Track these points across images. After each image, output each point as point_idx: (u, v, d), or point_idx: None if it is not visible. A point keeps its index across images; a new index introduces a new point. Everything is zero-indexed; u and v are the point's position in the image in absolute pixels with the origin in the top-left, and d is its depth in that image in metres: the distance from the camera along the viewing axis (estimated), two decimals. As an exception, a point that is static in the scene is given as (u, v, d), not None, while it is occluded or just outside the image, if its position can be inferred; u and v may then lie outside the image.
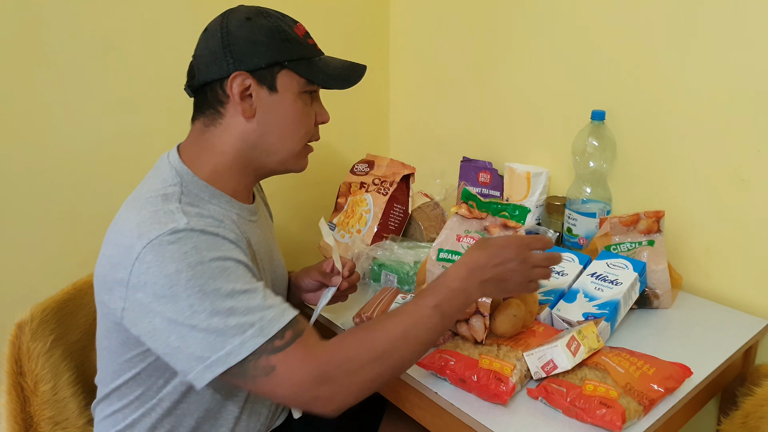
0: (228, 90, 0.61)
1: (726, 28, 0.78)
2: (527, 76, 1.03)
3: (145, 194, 0.60)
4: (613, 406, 0.57)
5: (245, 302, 0.54)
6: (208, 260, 0.54)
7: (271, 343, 0.53)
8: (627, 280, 0.74)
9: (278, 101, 0.63)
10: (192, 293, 0.52)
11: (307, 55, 0.65)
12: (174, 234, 0.54)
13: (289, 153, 0.66)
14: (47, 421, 0.71)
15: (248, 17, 0.62)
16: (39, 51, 0.84)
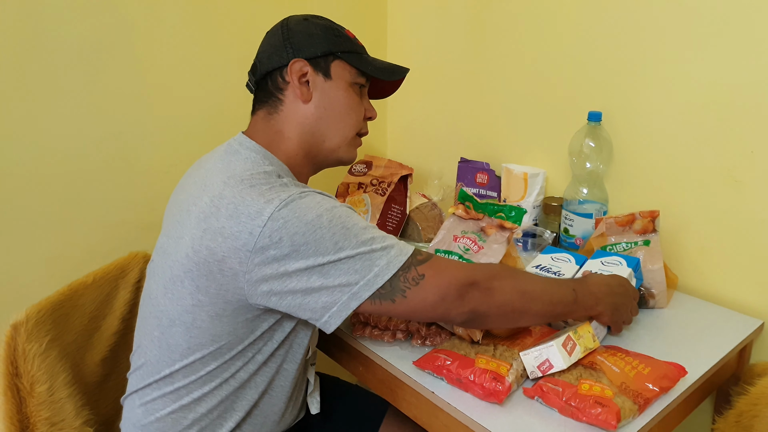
0: (288, 76, 0.68)
1: (721, 31, 0.78)
2: (524, 77, 1.03)
3: (244, 174, 0.61)
4: (609, 406, 0.58)
5: (380, 233, 0.60)
6: (339, 205, 0.60)
7: (414, 258, 0.59)
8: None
9: (332, 87, 0.69)
10: (336, 231, 0.57)
11: (358, 50, 0.71)
12: (300, 195, 0.59)
13: (341, 139, 0.71)
14: (43, 422, 0.71)
15: (306, 18, 0.71)
16: (37, 52, 0.84)
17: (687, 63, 0.83)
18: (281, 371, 0.68)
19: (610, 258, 0.79)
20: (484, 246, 0.70)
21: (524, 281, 0.63)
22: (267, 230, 0.56)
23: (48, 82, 0.86)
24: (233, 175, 0.61)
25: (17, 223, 0.87)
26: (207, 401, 0.64)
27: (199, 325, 0.62)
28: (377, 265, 0.57)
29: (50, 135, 0.88)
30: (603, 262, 0.79)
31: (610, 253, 0.80)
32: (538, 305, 0.63)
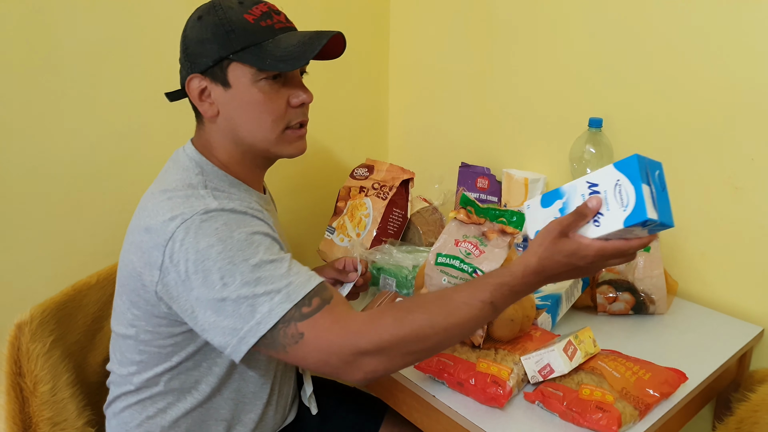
0: (188, 92, 0.64)
1: (722, 38, 0.79)
2: (526, 82, 1.04)
3: (171, 184, 0.62)
4: (609, 411, 0.58)
5: (272, 271, 0.55)
6: (237, 234, 0.56)
7: (298, 310, 0.54)
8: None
9: (234, 95, 0.63)
10: (222, 265, 0.54)
11: (256, 40, 0.62)
12: (206, 213, 0.57)
13: (265, 141, 0.65)
14: (46, 422, 0.71)
15: (199, 16, 0.63)
16: (41, 51, 0.85)
17: (687, 70, 0.83)
18: (247, 379, 0.67)
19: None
20: (485, 250, 0.70)
21: (419, 326, 0.53)
22: (168, 251, 0.56)
23: (55, 83, 0.87)
24: (160, 187, 0.62)
25: (22, 224, 0.88)
26: (172, 412, 0.64)
27: (143, 338, 0.63)
28: (259, 311, 0.53)
29: (55, 136, 0.88)
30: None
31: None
32: (446, 340, 0.55)
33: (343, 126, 1.25)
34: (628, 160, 0.53)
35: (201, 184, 0.62)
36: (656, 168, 0.55)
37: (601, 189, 0.54)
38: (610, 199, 0.54)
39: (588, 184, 0.56)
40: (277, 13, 0.64)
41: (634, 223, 0.52)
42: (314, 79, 1.18)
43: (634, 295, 0.81)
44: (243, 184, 0.67)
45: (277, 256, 0.57)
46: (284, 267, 0.56)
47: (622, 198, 0.53)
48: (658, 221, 0.52)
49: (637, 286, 0.80)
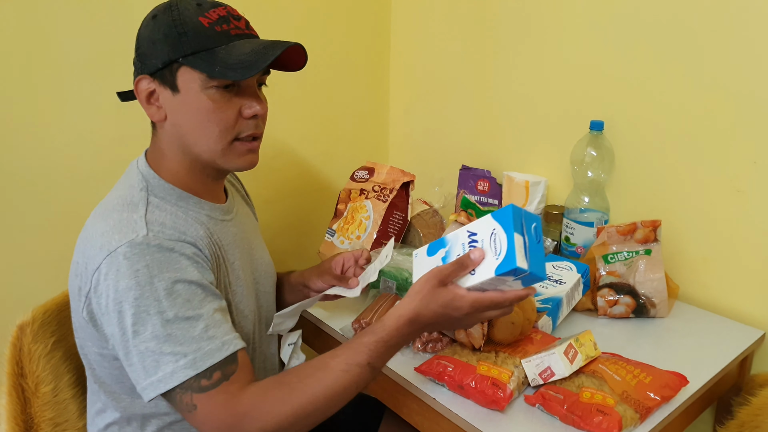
0: (136, 93, 0.61)
1: (724, 41, 0.79)
2: (527, 85, 1.04)
3: (113, 201, 0.61)
4: (610, 414, 0.58)
5: (185, 330, 0.54)
6: (158, 281, 0.54)
7: (198, 381, 0.54)
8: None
9: (182, 101, 0.60)
10: (136, 312, 0.54)
11: (208, 45, 0.58)
12: (130, 247, 0.54)
13: (212, 153, 0.62)
14: (48, 423, 0.71)
15: (155, 15, 0.60)
16: (43, 54, 0.85)
17: (689, 73, 0.83)
18: None
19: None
20: (486, 253, 0.70)
21: (301, 402, 0.54)
22: (94, 281, 0.55)
23: (56, 85, 0.87)
24: (104, 203, 0.62)
25: (24, 225, 0.88)
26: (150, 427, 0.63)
27: (92, 359, 0.62)
28: (162, 370, 0.53)
29: (57, 137, 0.89)
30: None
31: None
32: (328, 410, 0.56)
33: (344, 128, 1.26)
34: (503, 210, 0.55)
35: (142, 202, 0.60)
36: (533, 221, 0.57)
37: (479, 238, 0.56)
38: (486, 249, 0.55)
39: (468, 233, 0.57)
40: (236, 18, 0.61)
41: (505, 272, 0.52)
42: (315, 80, 1.19)
43: (635, 299, 0.81)
44: (193, 197, 0.64)
45: (194, 312, 0.55)
46: (199, 327, 0.55)
47: (496, 247, 0.54)
48: (528, 271, 0.53)
49: (638, 289, 0.80)
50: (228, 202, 0.70)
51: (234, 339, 0.57)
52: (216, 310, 0.57)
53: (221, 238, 0.65)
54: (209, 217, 0.65)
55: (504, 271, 0.52)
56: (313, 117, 1.20)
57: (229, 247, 0.66)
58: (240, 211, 0.73)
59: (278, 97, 1.16)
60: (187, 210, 0.63)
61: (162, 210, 0.60)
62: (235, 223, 0.69)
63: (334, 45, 1.18)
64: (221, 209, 0.67)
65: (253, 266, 0.72)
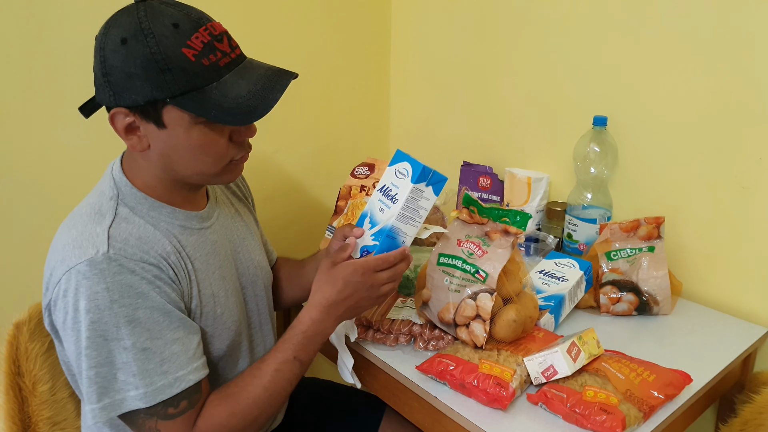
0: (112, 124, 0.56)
1: (728, 37, 0.78)
2: (529, 81, 1.03)
3: (82, 209, 0.59)
4: (614, 413, 0.57)
5: (141, 362, 0.54)
6: (118, 307, 0.53)
7: (165, 408, 0.55)
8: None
9: (169, 136, 0.56)
10: (91, 335, 0.53)
11: (198, 84, 0.53)
12: (90, 265, 0.53)
13: (203, 177, 0.60)
14: (45, 422, 0.71)
15: (123, 39, 0.52)
16: (41, 53, 0.84)
17: (694, 68, 0.82)
18: None
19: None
20: (488, 250, 0.69)
21: (248, 408, 0.59)
22: (54, 293, 0.54)
23: (56, 84, 0.86)
24: (76, 209, 0.60)
25: (20, 223, 0.87)
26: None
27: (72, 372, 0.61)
28: (111, 397, 0.53)
29: (55, 136, 0.88)
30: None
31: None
32: (272, 408, 0.61)
33: (344, 125, 1.25)
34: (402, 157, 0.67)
35: (110, 213, 0.57)
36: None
37: (395, 174, 0.66)
38: (402, 176, 0.65)
39: (381, 188, 0.66)
40: (219, 39, 0.54)
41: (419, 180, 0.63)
42: (315, 76, 1.18)
43: (638, 296, 0.80)
44: (167, 207, 0.61)
45: (152, 343, 0.54)
46: (154, 361, 0.54)
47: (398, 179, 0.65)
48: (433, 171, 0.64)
49: (641, 286, 0.80)
50: (207, 208, 0.66)
51: (188, 374, 0.57)
52: (175, 340, 0.56)
53: (196, 249, 0.63)
54: (183, 227, 0.62)
55: (417, 177, 0.63)
56: (313, 113, 1.19)
57: (207, 257, 0.64)
58: (224, 213, 0.70)
59: (277, 93, 1.15)
60: (158, 221, 0.60)
61: (129, 222, 0.58)
62: (215, 230, 0.67)
63: (334, 40, 1.17)
64: (198, 217, 0.64)
65: (239, 272, 0.70)
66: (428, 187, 0.63)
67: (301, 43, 1.12)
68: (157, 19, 0.53)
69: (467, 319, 0.68)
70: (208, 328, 0.63)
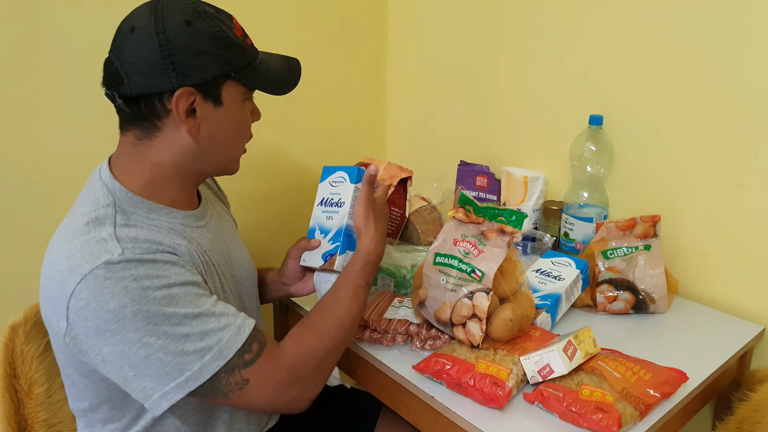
0: (172, 106, 0.56)
1: (723, 35, 0.78)
2: (525, 80, 1.03)
3: (77, 219, 0.57)
4: (610, 411, 0.57)
5: (200, 326, 0.54)
6: (153, 290, 0.52)
7: (241, 357, 0.55)
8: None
9: (223, 113, 0.60)
10: (141, 326, 0.52)
11: (250, 60, 0.61)
12: (108, 267, 0.51)
13: (230, 161, 0.65)
14: (41, 424, 0.71)
15: (187, 20, 0.55)
16: (37, 52, 0.84)
17: (689, 66, 0.82)
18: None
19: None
20: (484, 250, 0.69)
21: (334, 329, 0.62)
22: (72, 306, 0.52)
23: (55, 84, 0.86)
24: (69, 222, 0.57)
25: (16, 224, 0.87)
26: None
27: (69, 373, 0.61)
28: (189, 369, 0.53)
29: (53, 136, 0.88)
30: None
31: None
32: (353, 330, 0.65)
33: (341, 124, 1.25)
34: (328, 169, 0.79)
35: (109, 218, 0.56)
36: None
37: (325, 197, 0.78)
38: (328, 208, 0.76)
39: (323, 200, 0.78)
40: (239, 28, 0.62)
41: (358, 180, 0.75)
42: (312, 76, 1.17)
43: (634, 294, 0.80)
44: (165, 207, 0.61)
45: (202, 308, 0.55)
46: (212, 321, 0.55)
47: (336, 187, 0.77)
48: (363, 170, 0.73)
49: (637, 285, 0.80)
50: (201, 208, 0.67)
51: (244, 319, 0.58)
52: (216, 302, 0.58)
53: (197, 246, 0.63)
54: (184, 225, 0.63)
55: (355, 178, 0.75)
56: (310, 113, 1.19)
57: (207, 255, 0.65)
58: (214, 213, 0.71)
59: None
60: (159, 222, 0.60)
61: (131, 226, 0.57)
62: (210, 228, 0.68)
63: (331, 40, 1.17)
64: (194, 216, 0.65)
65: (234, 269, 0.70)
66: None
67: (298, 43, 1.11)
68: (201, 5, 0.59)
69: (464, 319, 0.68)
70: None
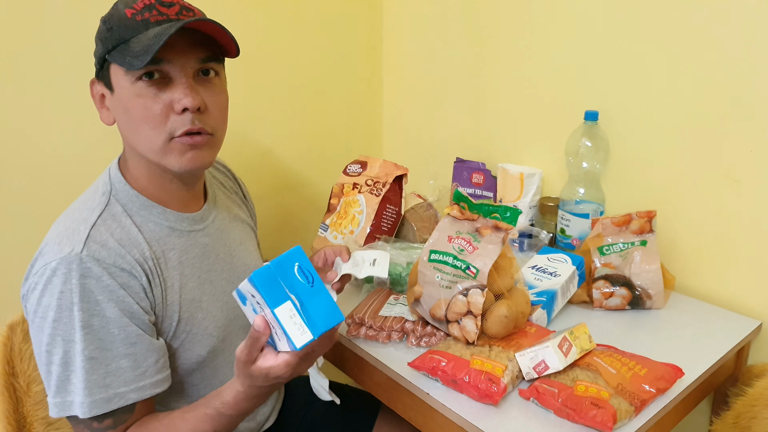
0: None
1: (719, 30, 0.78)
2: (520, 76, 1.03)
3: (77, 203, 0.61)
4: (605, 407, 0.57)
5: (86, 371, 0.54)
6: (77, 310, 0.54)
7: (90, 422, 0.56)
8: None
9: (118, 99, 0.57)
10: (52, 333, 0.54)
11: (126, 37, 0.55)
12: (61, 262, 0.54)
13: (153, 153, 0.58)
14: (40, 422, 0.71)
15: (104, 19, 0.58)
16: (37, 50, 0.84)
17: (684, 61, 0.82)
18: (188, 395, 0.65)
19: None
20: (479, 246, 0.69)
21: None
22: (29, 284, 0.56)
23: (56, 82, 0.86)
24: (73, 205, 0.61)
25: (14, 223, 0.87)
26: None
27: None
28: (61, 397, 0.55)
29: (53, 136, 0.88)
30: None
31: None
32: None
33: (337, 122, 1.25)
34: (254, 275, 0.47)
35: (98, 208, 0.59)
36: (293, 262, 0.49)
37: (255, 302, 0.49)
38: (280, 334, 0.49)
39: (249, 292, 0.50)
40: (165, 5, 0.56)
41: (300, 348, 0.47)
42: (307, 74, 1.17)
43: (630, 290, 0.80)
44: (157, 206, 0.61)
45: (101, 354, 0.55)
46: (99, 372, 0.55)
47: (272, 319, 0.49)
48: (314, 338, 0.48)
49: (633, 281, 0.80)
50: (203, 211, 0.66)
51: (129, 392, 0.56)
52: (127, 355, 0.56)
53: (182, 252, 0.63)
54: (171, 229, 0.62)
55: (299, 348, 0.47)
56: (306, 111, 1.19)
57: (194, 261, 0.64)
58: (221, 216, 0.70)
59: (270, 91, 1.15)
60: (146, 221, 0.61)
61: (115, 220, 0.59)
62: (208, 233, 0.67)
63: (325, 38, 1.17)
64: (190, 219, 0.64)
65: (234, 275, 0.69)
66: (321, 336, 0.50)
67: (294, 42, 1.11)
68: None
69: (459, 316, 0.68)
70: (187, 333, 0.63)
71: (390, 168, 0.98)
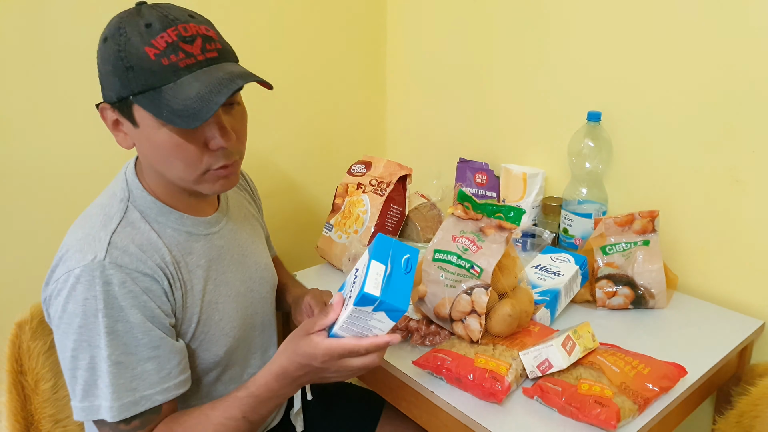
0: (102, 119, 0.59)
1: (722, 29, 0.78)
2: (524, 77, 1.03)
3: (93, 209, 0.61)
4: (608, 405, 0.58)
5: (113, 375, 0.55)
6: (102, 317, 0.54)
7: (117, 424, 0.56)
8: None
9: (143, 135, 0.56)
10: (78, 339, 0.55)
11: (155, 84, 0.53)
12: (84, 270, 0.54)
13: (184, 182, 0.59)
14: (48, 419, 0.72)
15: (105, 38, 0.55)
16: (40, 50, 0.85)
17: (686, 62, 0.82)
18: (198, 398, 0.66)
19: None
20: (482, 246, 0.70)
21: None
22: (51, 289, 0.57)
23: (57, 83, 0.87)
24: (88, 208, 0.62)
25: (22, 222, 0.88)
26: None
27: None
28: (88, 401, 0.55)
29: (56, 135, 0.89)
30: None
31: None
32: None
33: (341, 123, 1.25)
34: (375, 241, 0.56)
35: (117, 215, 0.59)
36: (406, 252, 0.56)
37: (360, 273, 0.54)
38: (357, 284, 0.53)
39: (355, 270, 0.56)
40: (188, 41, 0.53)
41: (358, 301, 0.50)
42: (312, 75, 1.18)
43: (633, 290, 0.80)
44: (175, 212, 0.62)
45: (127, 358, 0.55)
46: (126, 376, 0.55)
47: (359, 279, 0.53)
48: (379, 299, 0.50)
49: (636, 280, 0.80)
50: (216, 214, 0.67)
51: (156, 394, 0.57)
52: (151, 358, 0.57)
53: (200, 256, 0.64)
54: (189, 233, 0.63)
55: (358, 300, 0.50)
56: (310, 112, 1.19)
57: (210, 264, 0.65)
58: (234, 216, 0.71)
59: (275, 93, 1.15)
60: (165, 227, 0.61)
61: (135, 228, 0.59)
62: (222, 235, 0.67)
63: (330, 39, 1.17)
64: (205, 223, 0.65)
65: (247, 274, 0.70)
66: (380, 312, 0.52)
67: (298, 42, 1.12)
68: (134, 20, 0.54)
69: (463, 314, 0.68)
70: (205, 335, 0.64)
71: (394, 168, 0.99)
